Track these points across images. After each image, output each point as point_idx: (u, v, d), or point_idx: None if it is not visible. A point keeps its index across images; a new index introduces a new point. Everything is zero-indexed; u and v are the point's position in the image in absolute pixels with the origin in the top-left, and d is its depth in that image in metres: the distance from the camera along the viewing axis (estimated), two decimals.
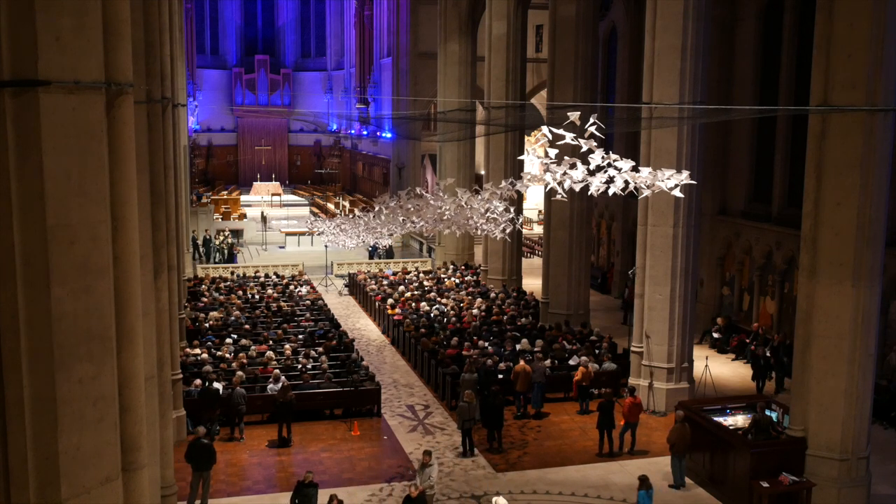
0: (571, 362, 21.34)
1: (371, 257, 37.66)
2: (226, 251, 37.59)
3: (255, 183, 60.62)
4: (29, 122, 5.73)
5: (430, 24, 43.62)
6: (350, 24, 64.84)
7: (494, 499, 13.64)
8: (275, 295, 29.45)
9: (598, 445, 17.88)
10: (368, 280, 32.07)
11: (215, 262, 36.60)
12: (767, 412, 16.14)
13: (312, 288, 31.90)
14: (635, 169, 13.37)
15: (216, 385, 18.72)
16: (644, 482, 14.25)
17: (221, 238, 38.55)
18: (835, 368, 14.79)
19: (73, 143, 6.00)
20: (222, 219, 47.02)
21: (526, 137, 36.25)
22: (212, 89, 68.48)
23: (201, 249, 37.84)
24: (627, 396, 18.25)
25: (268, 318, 26.18)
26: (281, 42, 72.07)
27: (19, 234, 5.80)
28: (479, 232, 20.44)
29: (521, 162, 28.49)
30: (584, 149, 12.98)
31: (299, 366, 20.75)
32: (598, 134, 12.79)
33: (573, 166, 13.61)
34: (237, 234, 42.35)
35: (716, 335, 25.37)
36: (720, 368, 23.13)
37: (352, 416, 19.54)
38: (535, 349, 21.70)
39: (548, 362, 20.92)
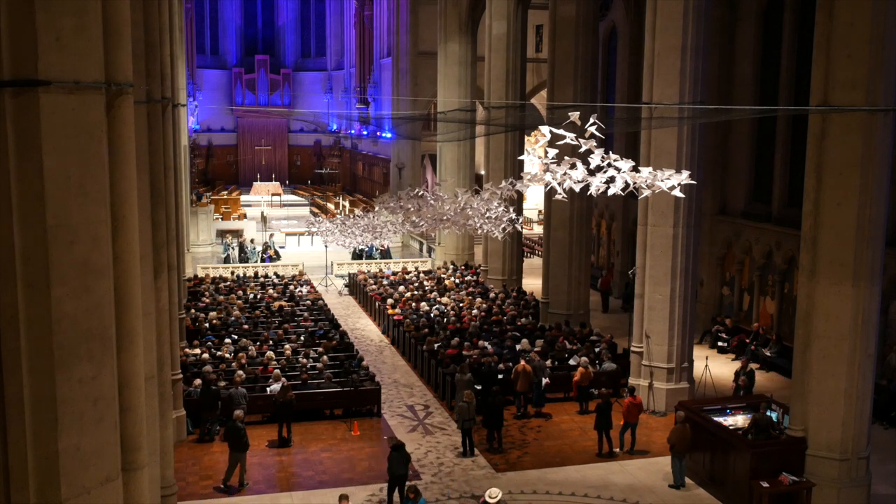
0: (571, 362, 21.34)
1: (369, 257, 37.46)
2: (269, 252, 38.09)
3: (255, 183, 60.57)
4: (29, 122, 5.72)
5: (430, 24, 43.59)
6: (350, 24, 64.80)
7: (489, 490, 13.24)
8: (275, 295, 29.45)
9: (597, 446, 17.90)
10: (368, 280, 32.07)
11: (264, 263, 37.10)
12: (767, 412, 16.14)
13: (312, 288, 31.91)
14: (635, 169, 13.38)
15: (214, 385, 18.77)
16: (416, 492, 13.65)
17: (268, 241, 39.32)
18: (835, 368, 14.79)
19: (73, 143, 5.99)
20: (222, 219, 47.00)
21: (526, 137, 36.24)
22: (212, 89, 68.46)
23: (240, 254, 37.94)
24: (627, 396, 18.26)
25: (268, 318, 26.18)
26: (281, 42, 72.05)
27: (19, 234, 5.79)
28: (479, 232, 20.44)
29: (521, 162, 28.48)
30: (584, 149, 12.99)
31: (299, 366, 20.76)
32: (598, 134, 12.80)
33: (573, 166, 13.62)
34: (236, 234, 42.41)
35: (722, 335, 25.29)
36: (720, 368, 23.13)
37: (352, 416, 19.54)
38: (535, 349, 21.70)
39: (548, 362, 20.92)
